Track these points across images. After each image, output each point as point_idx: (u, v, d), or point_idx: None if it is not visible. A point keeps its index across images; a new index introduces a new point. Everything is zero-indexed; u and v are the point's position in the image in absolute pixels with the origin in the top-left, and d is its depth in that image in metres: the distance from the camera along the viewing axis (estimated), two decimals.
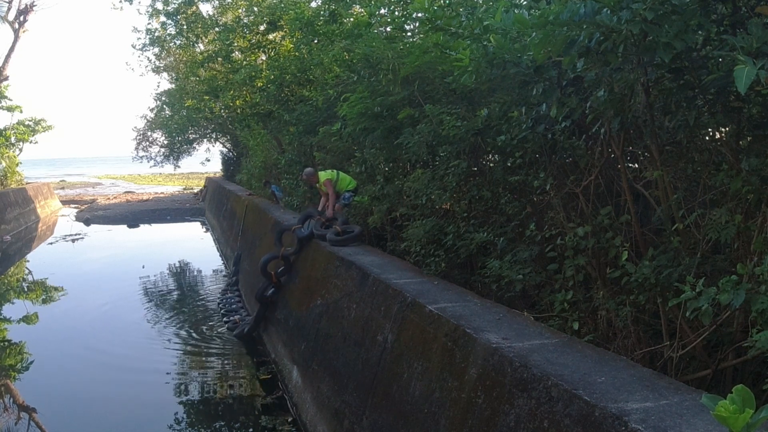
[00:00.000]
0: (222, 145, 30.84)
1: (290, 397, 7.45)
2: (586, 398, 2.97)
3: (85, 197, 38.44)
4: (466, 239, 6.08)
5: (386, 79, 7.69)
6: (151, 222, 26.49)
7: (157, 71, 28.58)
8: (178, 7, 18.41)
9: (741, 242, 3.81)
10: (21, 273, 17.38)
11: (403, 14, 9.02)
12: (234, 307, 11.68)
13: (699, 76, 3.72)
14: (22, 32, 26.09)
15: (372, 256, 7.41)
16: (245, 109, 16.87)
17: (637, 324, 4.27)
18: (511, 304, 5.29)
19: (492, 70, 4.77)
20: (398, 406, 4.77)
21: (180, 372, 8.77)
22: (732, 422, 1.48)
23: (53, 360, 9.32)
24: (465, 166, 6.29)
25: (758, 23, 3.09)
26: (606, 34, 3.60)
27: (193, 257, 18.11)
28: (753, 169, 3.54)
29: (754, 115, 3.77)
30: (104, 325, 11.03)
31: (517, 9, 4.66)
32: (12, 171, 27.82)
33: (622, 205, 4.64)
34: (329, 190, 9.32)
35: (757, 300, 3.09)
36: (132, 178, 61.48)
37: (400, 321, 5.24)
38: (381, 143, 8.26)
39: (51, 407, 7.62)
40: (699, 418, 2.71)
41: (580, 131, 4.93)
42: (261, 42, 15.83)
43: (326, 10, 11.77)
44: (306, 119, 11.97)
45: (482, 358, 3.88)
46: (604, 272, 4.58)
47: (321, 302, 7.54)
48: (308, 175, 9.77)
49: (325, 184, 9.35)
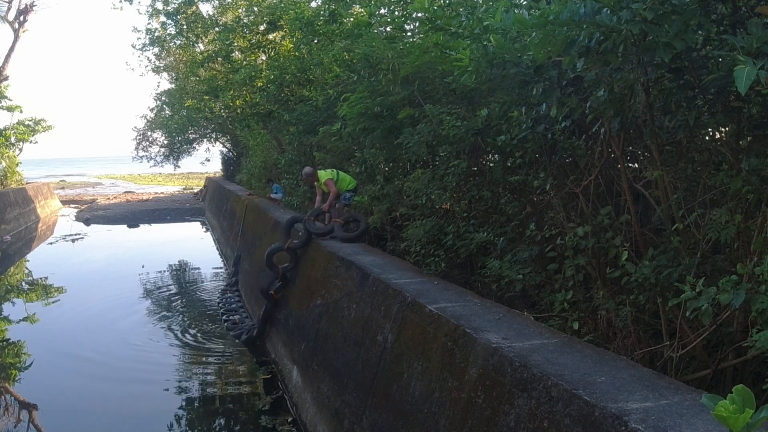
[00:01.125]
0: (222, 145, 30.87)
1: (290, 397, 7.45)
2: (586, 398, 2.97)
3: (85, 197, 38.45)
4: (466, 239, 6.08)
5: (386, 79, 7.69)
6: (151, 222, 26.49)
7: (157, 71, 28.61)
8: (178, 7, 18.42)
9: (741, 242, 3.81)
10: (21, 273, 17.38)
11: (403, 14, 9.03)
12: (233, 307, 11.69)
13: (699, 76, 3.72)
14: (22, 32, 26.09)
15: (372, 256, 7.41)
16: (245, 109, 16.88)
17: (637, 324, 4.27)
18: (511, 304, 5.29)
19: (492, 70, 4.77)
20: (398, 406, 4.77)
21: (180, 372, 8.77)
22: (732, 422, 1.48)
23: (53, 359, 9.32)
24: (465, 166, 6.29)
25: (758, 23, 3.09)
26: (606, 34, 3.60)
27: (193, 257, 18.10)
28: (753, 169, 3.54)
29: (754, 115, 3.77)
30: (104, 324, 11.02)
31: (517, 9, 4.67)
32: (12, 171, 27.83)
33: (622, 205, 4.64)
34: (331, 189, 9.29)
35: (757, 300, 3.09)
36: (132, 178, 61.49)
37: (400, 321, 5.24)
38: (381, 143, 8.26)
39: (51, 407, 7.61)
40: (699, 418, 2.71)
41: (580, 131, 4.93)
42: (261, 42, 15.83)
43: (326, 10, 11.77)
44: (306, 119, 11.97)
45: (482, 358, 3.88)
46: (604, 272, 4.58)
47: (321, 302, 7.54)
48: (307, 175, 9.72)
49: (326, 183, 9.32)
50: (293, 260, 9.23)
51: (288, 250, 9.20)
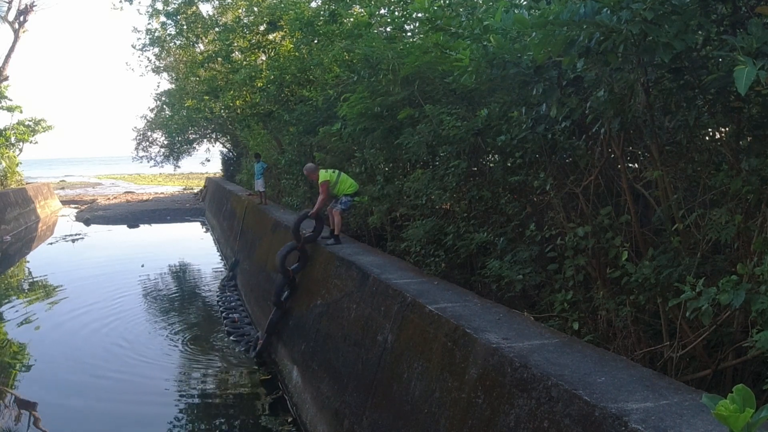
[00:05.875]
0: (222, 145, 30.87)
1: (290, 397, 7.44)
2: (586, 398, 2.97)
3: (85, 197, 38.47)
4: (466, 239, 6.09)
5: (386, 79, 7.69)
6: (151, 222, 26.49)
7: (157, 71, 28.61)
8: (178, 7, 18.40)
9: (741, 242, 3.81)
10: (21, 273, 17.38)
11: (403, 14, 9.02)
12: (233, 305, 11.72)
13: (699, 76, 3.72)
14: (22, 32, 26.11)
15: (372, 256, 7.42)
16: (245, 109, 16.85)
17: (637, 324, 4.27)
18: (511, 304, 5.29)
19: (492, 70, 4.78)
20: (398, 406, 4.77)
21: (180, 372, 8.77)
22: (732, 422, 1.47)
23: (53, 359, 9.32)
24: (465, 166, 6.29)
25: (758, 23, 3.09)
26: (606, 34, 3.60)
27: (193, 257, 18.10)
28: (753, 169, 3.54)
29: (754, 115, 3.77)
30: (104, 324, 11.01)
31: (517, 9, 4.67)
32: (12, 171, 27.85)
33: (622, 205, 4.64)
34: (322, 192, 9.03)
35: (757, 300, 3.09)
36: (132, 178, 61.51)
37: (400, 321, 5.24)
38: (381, 143, 8.26)
39: (51, 407, 7.61)
40: (699, 418, 2.71)
41: (580, 131, 4.93)
42: (261, 42, 15.82)
43: (326, 10, 11.76)
44: (306, 119, 11.97)
45: (482, 358, 3.87)
46: (604, 272, 4.58)
47: (321, 302, 7.54)
48: (309, 171, 9.39)
49: (321, 185, 9.05)
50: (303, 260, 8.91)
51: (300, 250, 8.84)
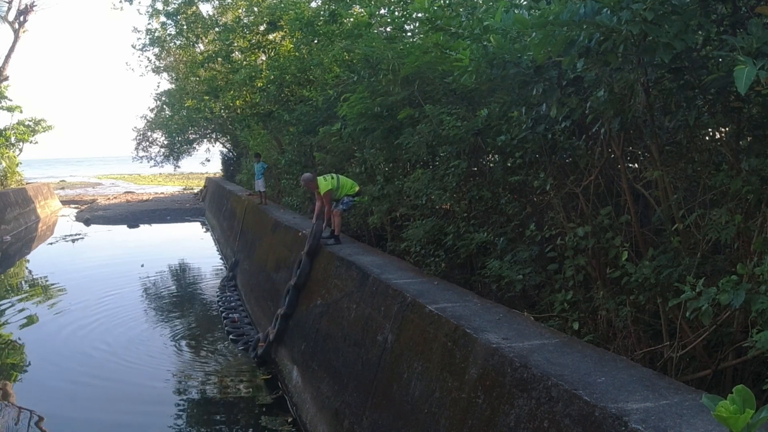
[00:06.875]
0: (222, 145, 30.87)
1: (290, 397, 7.44)
2: (586, 398, 2.97)
3: (85, 197, 38.46)
4: (466, 239, 6.08)
5: (386, 79, 7.69)
6: (151, 222, 26.49)
7: (157, 71, 28.61)
8: (178, 7, 18.41)
9: (741, 242, 3.81)
10: (21, 273, 17.38)
11: (403, 14, 9.02)
12: (233, 305, 11.73)
13: (699, 76, 3.72)
14: (22, 32, 26.10)
15: (372, 256, 7.41)
16: (245, 109, 16.87)
17: (637, 324, 4.27)
18: (511, 304, 5.29)
19: (492, 70, 4.77)
20: (398, 406, 4.77)
21: (180, 371, 8.77)
22: (732, 422, 1.48)
23: (53, 359, 9.31)
24: (465, 166, 6.29)
25: (758, 23, 3.09)
26: (606, 34, 3.60)
27: (193, 257, 18.10)
28: (753, 169, 3.54)
29: (754, 115, 3.77)
30: (104, 324, 11.01)
31: (517, 9, 4.67)
32: (12, 171, 27.84)
33: (622, 205, 4.64)
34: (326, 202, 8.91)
35: (757, 300, 3.09)
36: (132, 178, 61.51)
37: (400, 321, 5.24)
38: (381, 143, 8.25)
39: (51, 407, 7.61)
40: (699, 418, 2.71)
41: (580, 131, 4.93)
42: (261, 42, 15.82)
43: (326, 10, 11.76)
44: (306, 119, 11.96)
45: (482, 358, 3.87)
46: (604, 272, 4.58)
47: (321, 302, 7.54)
48: (306, 181, 9.15)
49: (324, 196, 8.83)
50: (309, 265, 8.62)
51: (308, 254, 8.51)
